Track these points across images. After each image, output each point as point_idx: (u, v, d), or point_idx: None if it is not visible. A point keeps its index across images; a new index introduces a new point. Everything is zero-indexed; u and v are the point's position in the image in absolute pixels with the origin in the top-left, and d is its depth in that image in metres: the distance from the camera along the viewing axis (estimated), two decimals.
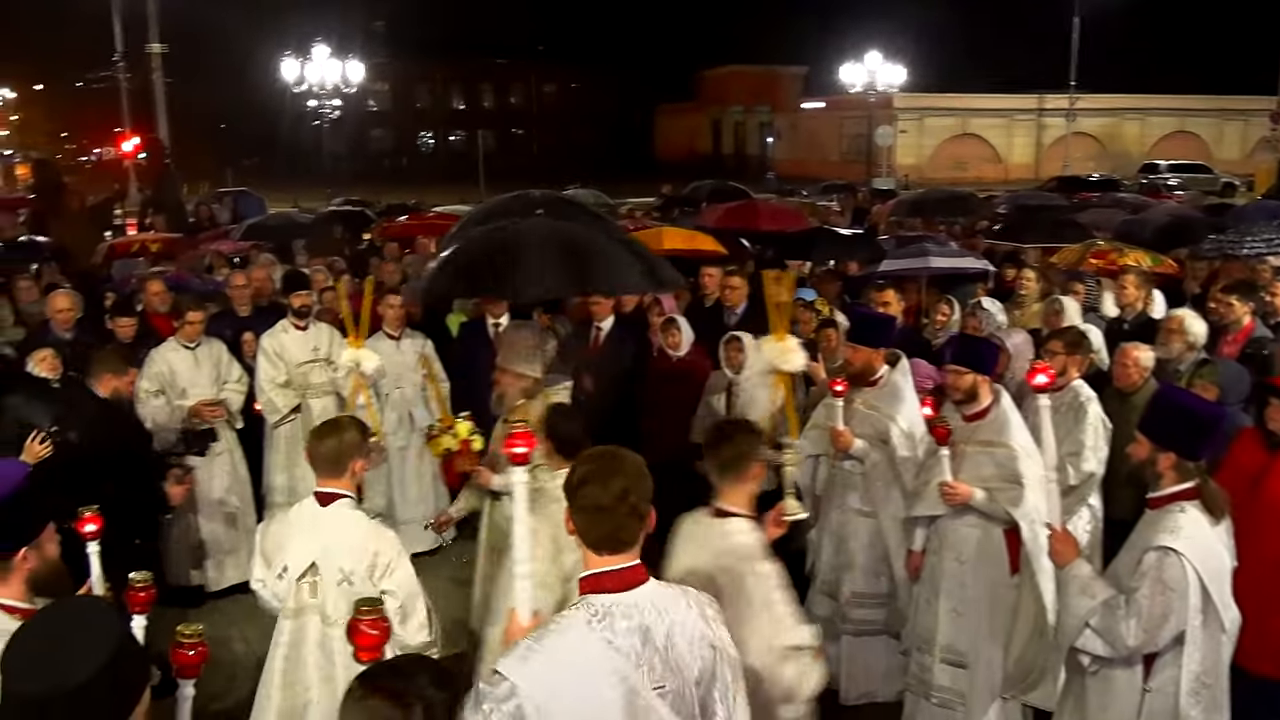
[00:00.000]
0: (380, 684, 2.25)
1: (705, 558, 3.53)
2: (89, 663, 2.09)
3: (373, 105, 67.90)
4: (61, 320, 7.77)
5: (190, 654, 2.62)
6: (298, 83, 28.47)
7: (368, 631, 2.57)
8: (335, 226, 15.55)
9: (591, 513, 2.62)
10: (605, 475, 2.65)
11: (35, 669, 2.09)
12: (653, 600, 2.62)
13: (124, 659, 2.18)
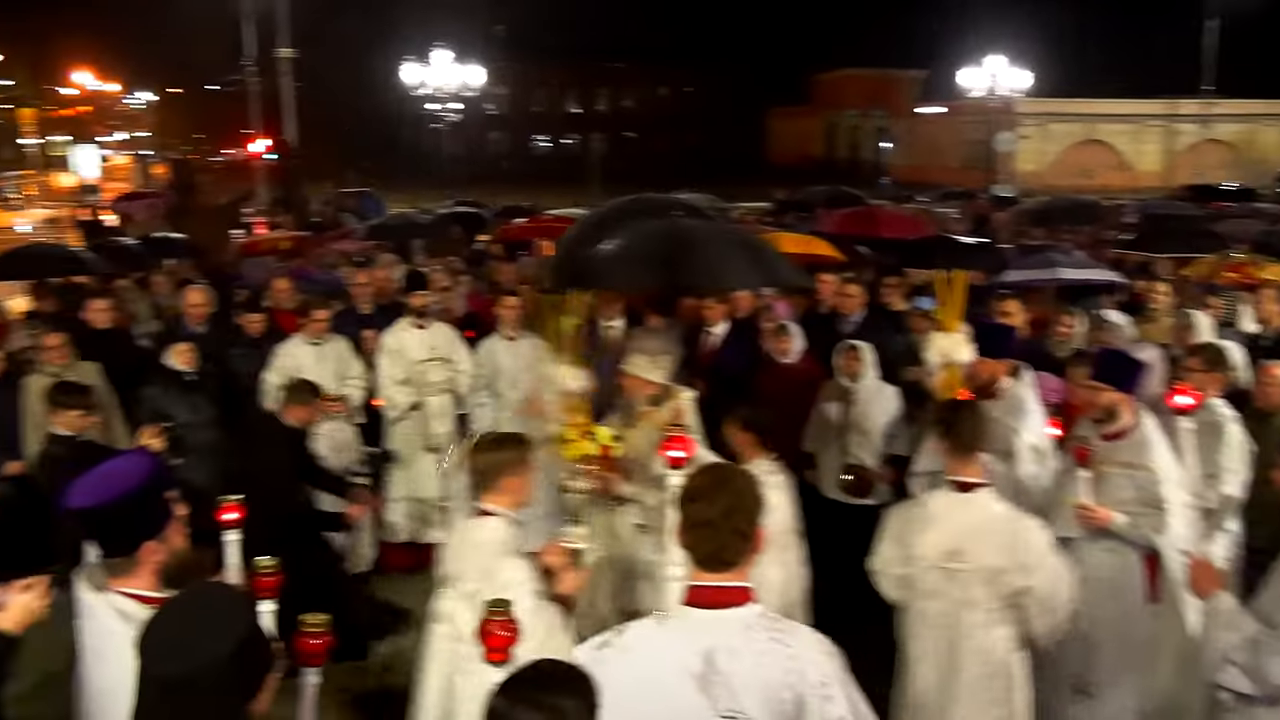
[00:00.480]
0: (522, 692, 2.21)
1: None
2: (216, 646, 2.15)
3: (491, 108, 69.00)
4: (195, 315, 8.07)
5: (314, 642, 2.67)
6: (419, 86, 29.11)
7: (498, 633, 2.58)
8: (453, 227, 15.82)
9: (698, 528, 2.59)
10: (714, 491, 2.62)
11: (167, 651, 2.16)
12: (749, 625, 2.56)
13: (250, 643, 2.24)
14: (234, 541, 3.49)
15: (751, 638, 2.53)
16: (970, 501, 4.16)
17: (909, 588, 4.31)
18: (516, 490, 3.96)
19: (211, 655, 2.14)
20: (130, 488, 2.75)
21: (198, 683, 2.12)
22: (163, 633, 2.22)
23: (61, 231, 29.62)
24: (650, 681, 2.49)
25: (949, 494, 4.22)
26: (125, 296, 9.68)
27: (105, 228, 17.45)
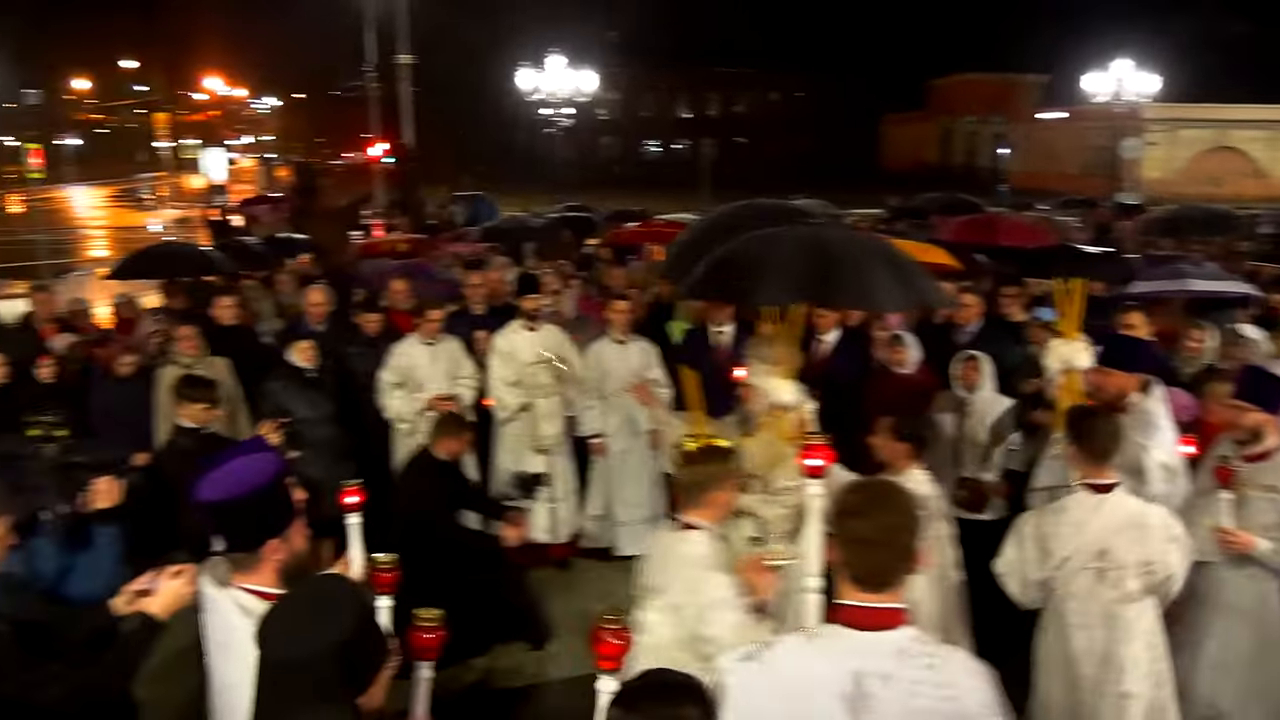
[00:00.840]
0: (641, 701, 2.21)
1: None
2: (326, 635, 2.21)
3: (602, 114, 69.58)
4: (315, 314, 8.30)
5: (428, 636, 2.70)
6: (533, 92, 29.51)
7: (611, 641, 2.53)
8: (564, 231, 15.97)
9: (855, 545, 2.51)
10: (874, 508, 2.54)
11: (281, 639, 2.24)
12: (902, 649, 2.47)
13: (361, 635, 2.28)
14: (355, 525, 3.53)
15: (905, 663, 2.45)
16: (1108, 501, 4.24)
17: (1048, 590, 4.34)
18: (722, 505, 3.92)
19: (321, 644, 2.20)
20: (258, 485, 2.82)
21: (307, 670, 2.18)
22: (278, 621, 2.30)
23: (191, 231, 30.87)
24: (796, 699, 2.43)
25: (1087, 496, 4.26)
26: (250, 295, 10.00)
27: (232, 228, 18.11)
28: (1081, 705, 4.28)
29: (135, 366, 7.67)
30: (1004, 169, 56.88)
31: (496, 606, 6.33)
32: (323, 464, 6.81)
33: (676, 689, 2.22)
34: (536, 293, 8.09)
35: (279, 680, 2.19)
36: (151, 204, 48.41)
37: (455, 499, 6.50)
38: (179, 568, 3.23)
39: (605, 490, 7.95)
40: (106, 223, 41.83)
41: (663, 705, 2.17)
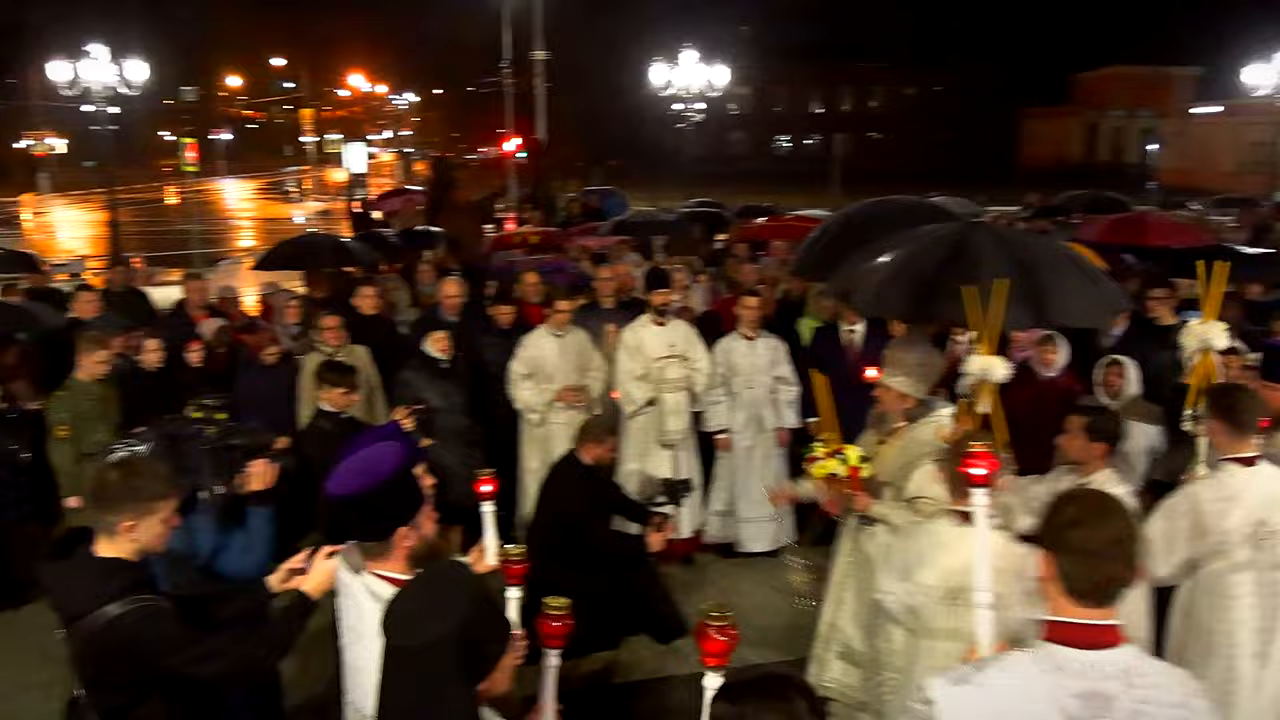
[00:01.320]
0: (752, 696, 2.18)
1: None
2: (442, 623, 2.26)
3: (733, 108, 69.28)
4: (450, 305, 8.47)
5: (556, 625, 2.71)
6: (665, 86, 29.54)
7: (717, 638, 2.50)
8: (693, 226, 15.95)
9: (1079, 557, 2.39)
10: (1099, 518, 2.41)
11: (400, 626, 2.30)
12: (1126, 669, 2.35)
13: (480, 621, 2.32)
14: (489, 514, 3.58)
15: (1132, 684, 2.33)
16: (1258, 473, 4.27)
17: (1193, 567, 4.34)
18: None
19: (436, 632, 2.24)
20: (385, 476, 2.87)
21: (426, 656, 2.24)
22: (399, 608, 2.36)
23: (332, 223, 31.96)
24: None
25: (1238, 469, 4.26)
26: (388, 285, 10.28)
27: (372, 220, 18.65)
28: (1241, 676, 4.25)
29: (279, 354, 7.96)
30: (1153, 166, 54.48)
31: (628, 601, 6.39)
32: (453, 452, 6.97)
33: (782, 683, 2.19)
34: (666, 288, 8.09)
35: (400, 666, 2.25)
36: (296, 196, 50.29)
37: (603, 505, 6.57)
38: (332, 549, 3.34)
39: (729, 486, 7.91)
40: (254, 214, 43.68)
41: (768, 699, 2.15)
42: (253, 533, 3.97)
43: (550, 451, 7.71)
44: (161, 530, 3.22)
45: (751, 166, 63.68)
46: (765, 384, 7.85)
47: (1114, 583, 2.37)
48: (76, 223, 39.00)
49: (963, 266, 5.35)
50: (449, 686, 2.25)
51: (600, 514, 6.56)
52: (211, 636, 3.32)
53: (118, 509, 3.12)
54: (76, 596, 3.09)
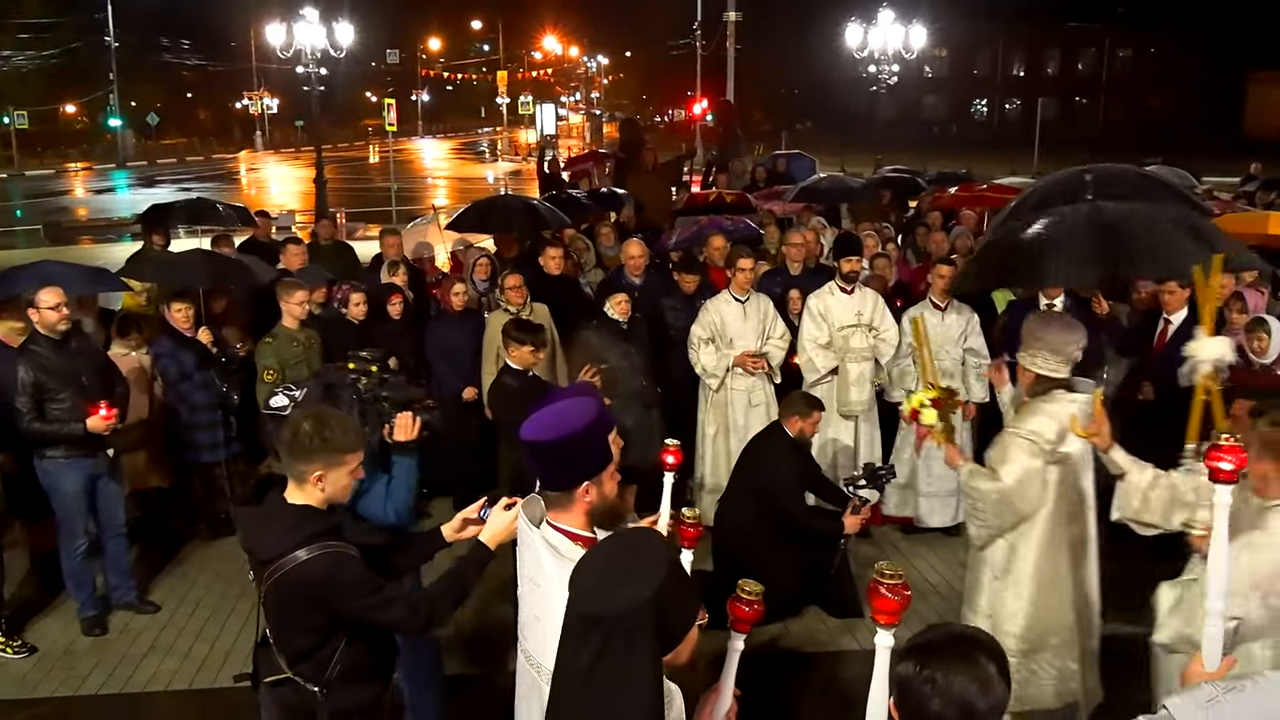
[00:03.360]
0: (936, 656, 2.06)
1: None
2: (634, 592, 2.21)
3: (928, 72, 66.99)
4: (633, 267, 8.50)
5: (748, 610, 2.67)
6: (861, 48, 28.80)
7: (888, 597, 2.38)
8: (883, 192, 15.51)
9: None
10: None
11: (590, 591, 2.27)
12: None
13: (671, 592, 2.27)
14: (670, 484, 3.58)
15: None
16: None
17: None
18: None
19: (629, 600, 2.20)
20: (578, 428, 2.89)
21: (612, 625, 2.20)
22: (589, 573, 2.33)
23: (522, 183, 32.69)
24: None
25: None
26: (574, 246, 10.41)
27: (561, 181, 18.93)
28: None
29: (465, 300, 8.16)
30: None
31: (812, 573, 6.33)
32: (631, 414, 7.02)
33: (969, 644, 2.06)
34: (856, 254, 7.87)
35: (587, 632, 2.23)
36: (489, 157, 51.69)
37: (804, 480, 6.58)
38: (509, 500, 3.38)
39: (910, 460, 7.68)
40: (450, 173, 45.17)
41: (957, 660, 2.01)
42: (396, 481, 4.10)
43: (728, 418, 7.68)
44: (348, 482, 3.33)
45: (947, 132, 61.53)
46: (955, 355, 7.56)
47: None
48: (287, 178, 41.29)
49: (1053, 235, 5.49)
50: (635, 657, 2.22)
51: (801, 490, 6.55)
52: (394, 583, 3.43)
53: (309, 459, 3.24)
54: (268, 541, 3.23)
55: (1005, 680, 2.02)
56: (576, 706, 2.26)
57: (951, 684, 1.98)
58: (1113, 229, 5.50)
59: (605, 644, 2.20)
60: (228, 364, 7.53)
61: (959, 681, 1.98)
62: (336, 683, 3.29)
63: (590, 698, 2.22)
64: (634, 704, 2.22)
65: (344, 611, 3.22)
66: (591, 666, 2.21)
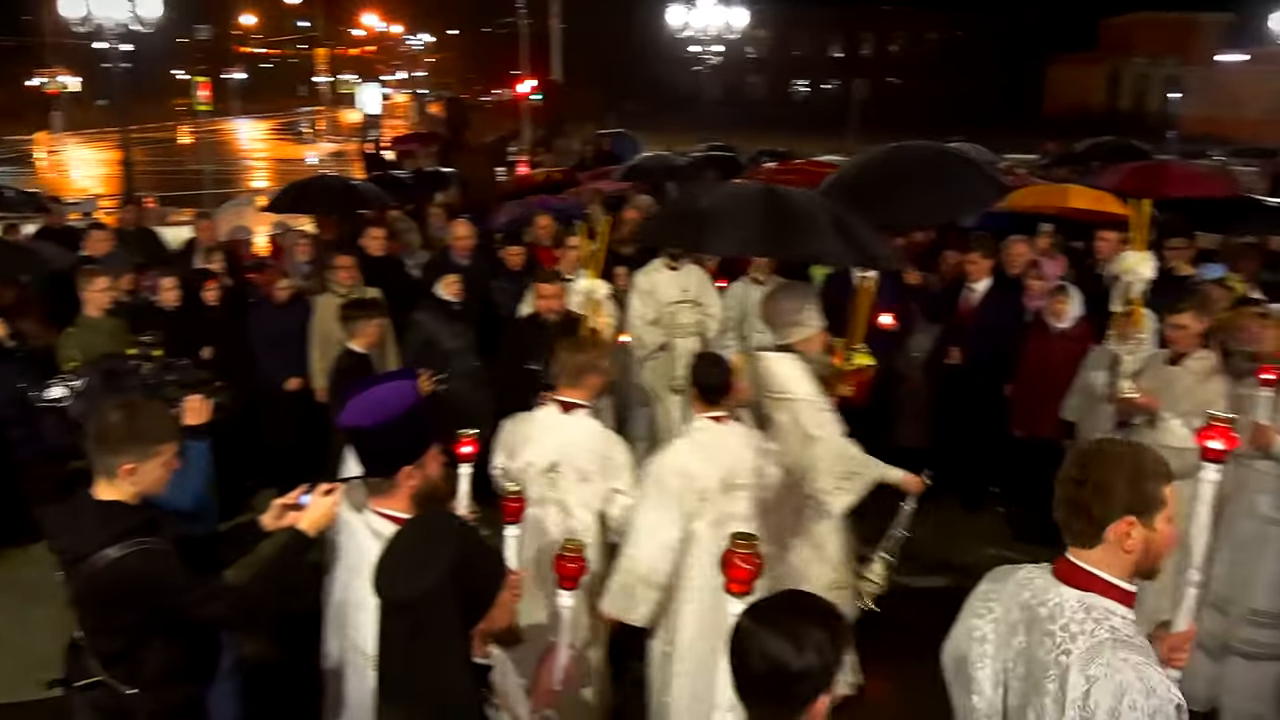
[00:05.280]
0: (769, 615, 2.16)
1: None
2: (428, 573, 2.26)
3: (751, 52, 68.37)
4: (461, 247, 8.42)
5: (570, 565, 2.73)
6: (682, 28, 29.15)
7: (741, 565, 2.50)
8: (707, 171, 15.77)
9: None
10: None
11: (389, 577, 2.32)
12: None
13: (469, 564, 2.33)
14: (466, 475, 3.56)
15: None
16: None
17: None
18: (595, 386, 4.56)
19: (427, 581, 2.25)
20: (397, 413, 2.87)
21: (420, 606, 2.25)
22: (391, 560, 2.37)
23: (345, 164, 31.78)
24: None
25: None
26: (399, 227, 10.22)
27: (385, 161, 18.53)
28: None
29: (291, 291, 7.93)
30: (1174, 114, 53.72)
31: None
32: (464, 393, 6.98)
33: (810, 608, 2.18)
34: None
35: (398, 617, 2.26)
36: (310, 137, 50.05)
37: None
38: (329, 486, 3.33)
39: None
40: (268, 155, 43.51)
41: (791, 619, 2.12)
42: (187, 467, 3.97)
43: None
44: (162, 474, 3.20)
45: (770, 111, 62.94)
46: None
47: None
48: (90, 162, 38.96)
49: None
50: (446, 633, 2.26)
51: None
52: (212, 578, 3.32)
53: (118, 451, 3.11)
54: (76, 539, 3.09)
55: (833, 646, 2.10)
56: (404, 688, 2.29)
57: (769, 642, 2.07)
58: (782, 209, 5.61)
59: (417, 626, 2.22)
60: (25, 358, 7.09)
61: (776, 642, 2.07)
62: (154, 684, 3.16)
63: (416, 677, 2.25)
64: (453, 677, 2.26)
65: (161, 609, 3.10)
66: (410, 647, 2.24)
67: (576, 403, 4.46)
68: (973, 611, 2.55)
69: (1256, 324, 5.85)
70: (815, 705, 2.12)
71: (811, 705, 2.11)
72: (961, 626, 2.56)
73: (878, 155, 7.99)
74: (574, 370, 4.45)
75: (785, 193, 5.70)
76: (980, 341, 7.39)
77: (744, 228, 5.39)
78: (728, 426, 4.42)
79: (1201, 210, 9.93)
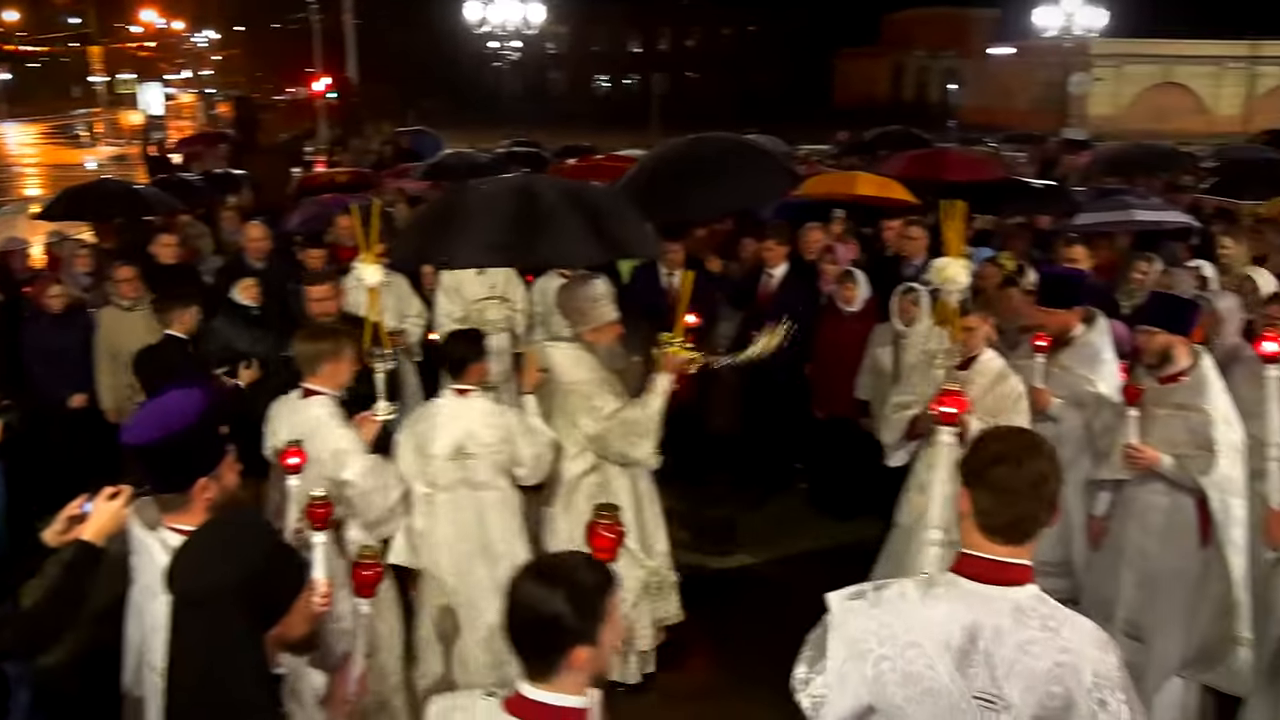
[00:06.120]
0: (539, 568, 2.35)
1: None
2: (227, 569, 2.23)
3: (551, 48, 68.49)
4: (255, 250, 8.13)
5: (367, 573, 2.69)
6: (480, 24, 28.90)
7: (604, 534, 2.63)
8: (512, 167, 15.72)
9: (998, 494, 2.39)
10: (1022, 456, 2.40)
11: (183, 572, 2.27)
12: (1020, 608, 2.38)
13: (267, 565, 2.30)
14: (294, 487, 3.48)
15: (1023, 622, 2.35)
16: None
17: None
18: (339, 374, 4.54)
19: (223, 578, 2.21)
20: (184, 425, 2.74)
21: (211, 604, 2.20)
22: (185, 556, 2.32)
23: (128, 169, 30.04)
24: (901, 644, 2.38)
25: None
26: (190, 232, 9.77)
27: (171, 164, 17.65)
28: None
29: (65, 301, 7.47)
30: (954, 105, 56.97)
31: None
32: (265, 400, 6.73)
33: (576, 563, 2.35)
34: None
35: (188, 616, 2.19)
36: (87, 141, 47.09)
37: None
38: (113, 489, 3.11)
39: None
40: (39, 160, 40.65)
41: (559, 571, 2.31)
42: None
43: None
44: None
45: (572, 106, 63.20)
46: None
47: (1030, 522, 2.39)
48: None
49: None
50: (239, 633, 2.20)
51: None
52: None
53: None
54: None
55: (589, 597, 2.26)
56: (191, 694, 2.21)
57: (528, 591, 2.28)
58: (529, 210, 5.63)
59: (208, 626, 2.16)
60: None
61: (534, 591, 2.27)
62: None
63: (203, 683, 2.18)
64: (243, 680, 2.20)
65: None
66: (198, 650, 2.17)
67: (315, 389, 4.46)
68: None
69: (1021, 300, 6.31)
70: (574, 655, 2.26)
71: (570, 654, 2.25)
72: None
73: (677, 147, 8.23)
74: (307, 359, 4.47)
75: (540, 192, 5.73)
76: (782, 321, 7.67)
77: (493, 235, 5.47)
78: (468, 400, 4.79)
79: (978, 194, 10.59)
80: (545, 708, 2.26)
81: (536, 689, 2.28)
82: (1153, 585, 4.76)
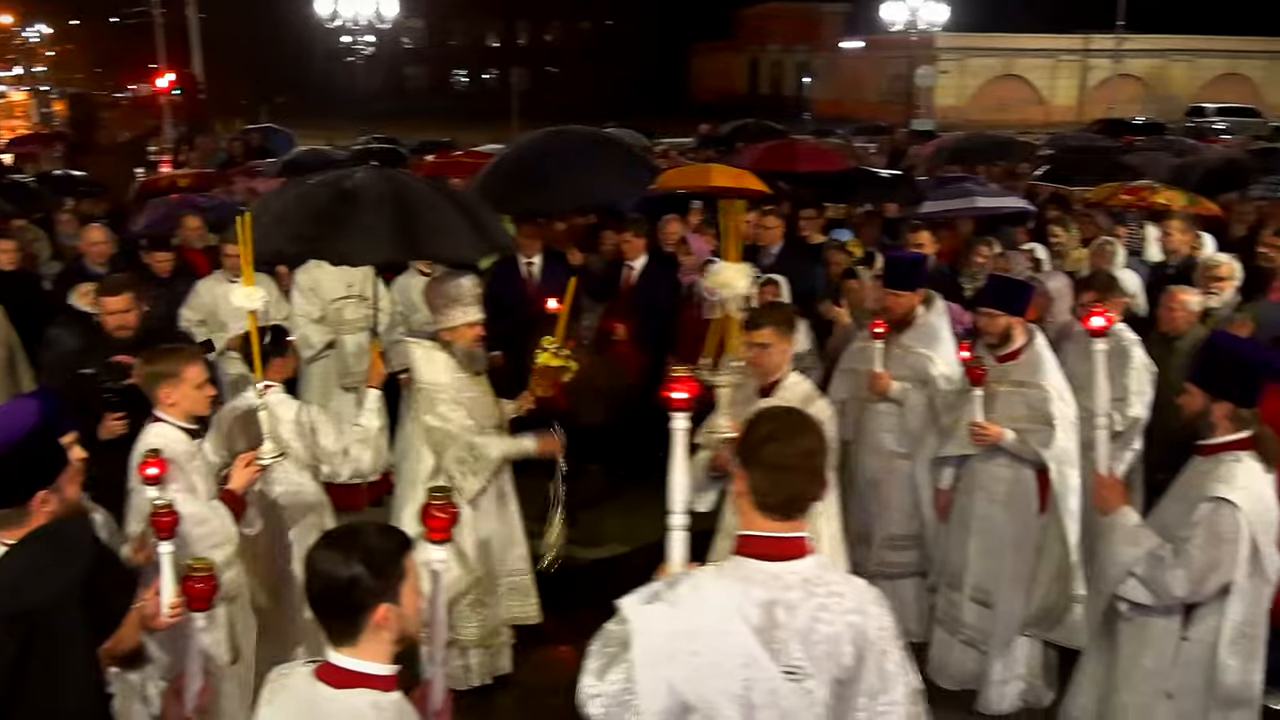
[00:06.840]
0: (328, 537, 2.41)
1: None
2: (54, 583, 2.18)
3: (407, 42, 67.32)
4: (96, 254, 7.81)
5: (200, 586, 2.63)
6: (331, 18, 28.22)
7: (438, 515, 2.63)
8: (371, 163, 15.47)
9: (771, 473, 2.45)
10: (791, 434, 2.48)
11: (13, 589, 2.20)
12: (806, 578, 2.46)
13: (97, 577, 2.27)
14: (153, 499, 3.35)
15: (811, 591, 2.43)
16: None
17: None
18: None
19: (52, 591, 2.15)
20: (17, 435, 2.63)
21: (39, 617, 2.14)
22: (10, 570, 2.25)
23: None
24: (707, 636, 2.40)
25: None
26: (26, 237, 9.32)
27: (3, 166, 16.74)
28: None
29: None
30: (808, 98, 58.32)
31: None
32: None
33: (367, 527, 2.41)
34: None
35: (12, 630, 2.10)
36: None
37: None
38: None
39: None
40: None
41: (355, 539, 2.35)
42: None
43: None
44: None
45: (431, 101, 62.25)
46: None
47: (803, 498, 2.47)
48: None
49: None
50: (68, 647, 2.12)
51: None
52: None
53: None
54: None
55: (383, 555, 2.33)
56: (14, 712, 2.13)
57: (321, 560, 2.32)
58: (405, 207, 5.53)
59: (33, 639, 2.09)
60: None
61: (327, 557, 2.31)
62: None
63: (26, 698, 2.10)
64: (73, 694, 2.14)
65: None
66: (22, 665, 2.09)
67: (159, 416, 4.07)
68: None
69: (871, 285, 6.57)
70: (376, 613, 2.31)
71: (372, 612, 2.31)
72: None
73: (536, 141, 8.25)
74: (145, 382, 4.11)
75: (410, 194, 5.65)
76: (641, 316, 7.77)
77: (373, 235, 5.35)
78: (268, 396, 4.59)
79: (829, 183, 10.94)
80: (351, 674, 2.31)
81: (342, 655, 2.32)
82: (998, 552, 5.05)
